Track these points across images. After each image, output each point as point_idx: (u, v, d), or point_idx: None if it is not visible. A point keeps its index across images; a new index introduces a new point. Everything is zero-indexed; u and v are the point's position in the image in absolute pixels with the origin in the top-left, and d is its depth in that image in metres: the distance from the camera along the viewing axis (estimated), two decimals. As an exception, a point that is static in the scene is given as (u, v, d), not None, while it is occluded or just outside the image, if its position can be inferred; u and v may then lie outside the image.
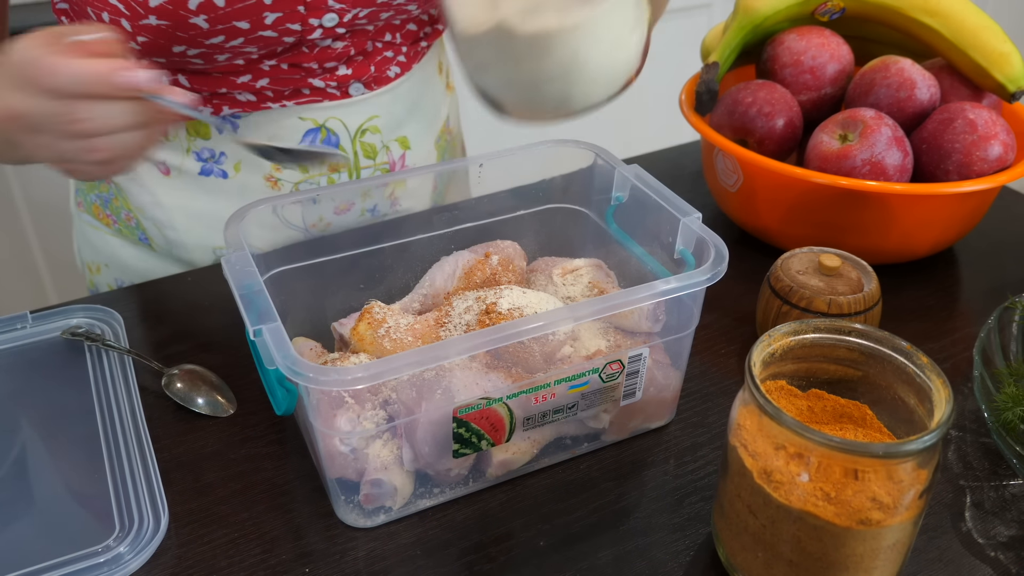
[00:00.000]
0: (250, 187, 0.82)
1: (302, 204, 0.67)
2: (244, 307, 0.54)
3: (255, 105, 0.77)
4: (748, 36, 0.92)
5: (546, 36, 0.51)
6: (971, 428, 0.67)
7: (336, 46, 0.76)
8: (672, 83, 1.07)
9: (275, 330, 0.52)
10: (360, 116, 0.81)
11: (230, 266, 0.57)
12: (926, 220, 0.81)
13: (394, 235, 0.70)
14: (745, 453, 0.50)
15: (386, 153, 0.85)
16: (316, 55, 0.76)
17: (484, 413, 0.57)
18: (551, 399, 0.59)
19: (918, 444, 0.45)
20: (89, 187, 0.88)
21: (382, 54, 0.80)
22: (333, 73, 0.77)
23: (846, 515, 0.47)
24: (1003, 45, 0.84)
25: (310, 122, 0.79)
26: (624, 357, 0.60)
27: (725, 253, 0.59)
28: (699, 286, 0.58)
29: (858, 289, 0.70)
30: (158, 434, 0.65)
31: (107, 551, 0.55)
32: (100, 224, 0.89)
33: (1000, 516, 0.60)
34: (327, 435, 0.55)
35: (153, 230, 0.85)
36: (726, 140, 0.83)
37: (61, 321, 0.74)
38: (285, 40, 0.72)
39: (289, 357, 0.50)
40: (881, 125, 0.79)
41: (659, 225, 0.66)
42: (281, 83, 0.76)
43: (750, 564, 0.53)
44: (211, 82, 0.76)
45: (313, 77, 0.77)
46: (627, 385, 0.62)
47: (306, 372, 0.49)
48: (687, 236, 0.63)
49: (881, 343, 0.53)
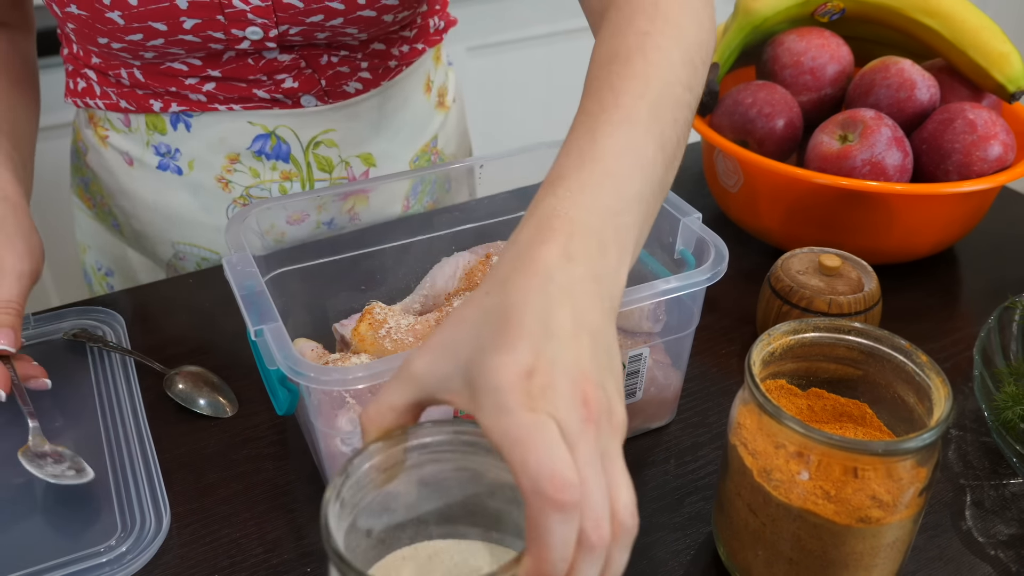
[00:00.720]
0: (203, 186, 0.82)
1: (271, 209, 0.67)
2: (245, 307, 0.54)
3: (204, 106, 0.77)
4: (748, 37, 0.92)
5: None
6: (971, 427, 0.67)
7: (283, 58, 0.76)
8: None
9: (276, 330, 0.52)
10: (313, 128, 0.80)
11: (231, 267, 0.57)
12: (926, 220, 0.81)
13: (395, 236, 0.70)
14: (745, 452, 0.50)
15: (345, 168, 0.84)
16: (262, 67, 0.75)
17: None
18: None
19: (917, 442, 0.46)
20: (75, 169, 0.90)
21: (335, 68, 0.78)
22: (279, 85, 0.77)
23: (846, 513, 0.47)
24: (1003, 45, 0.84)
25: (260, 127, 0.79)
26: (624, 357, 0.60)
27: (725, 253, 0.59)
28: (699, 286, 0.58)
29: (858, 289, 0.70)
30: (159, 435, 0.65)
31: (109, 551, 0.55)
32: (84, 207, 0.91)
33: (1000, 515, 0.60)
34: (328, 435, 0.56)
35: (121, 218, 0.88)
36: (726, 141, 0.83)
37: (63, 323, 0.74)
38: (212, 47, 0.72)
39: (291, 357, 0.50)
40: (881, 125, 0.79)
41: (659, 225, 0.66)
42: (228, 88, 0.76)
43: (750, 563, 0.53)
44: (162, 79, 0.76)
45: (259, 88, 0.77)
46: (627, 385, 0.62)
47: (307, 372, 0.49)
48: (687, 236, 0.63)
49: (880, 342, 0.53)
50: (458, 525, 0.46)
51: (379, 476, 0.42)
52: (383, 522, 0.45)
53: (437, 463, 0.43)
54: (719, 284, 0.58)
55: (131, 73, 0.77)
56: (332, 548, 0.37)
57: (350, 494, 0.41)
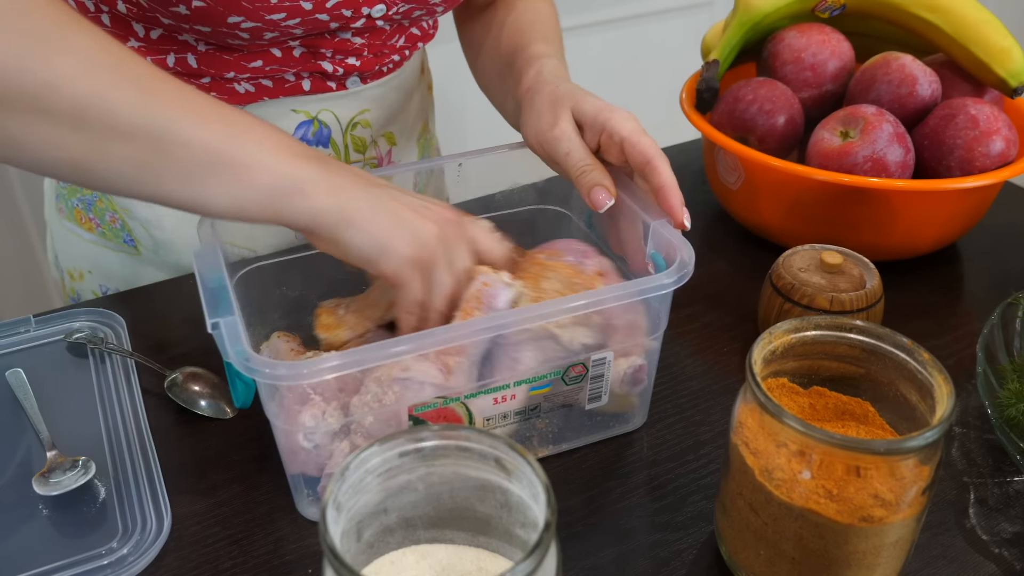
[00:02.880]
0: None
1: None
2: (206, 301, 0.54)
3: (253, 96, 0.76)
4: (748, 34, 0.92)
5: None
6: (975, 425, 0.67)
7: (355, 41, 0.76)
8: (673, 81, 1.07)
9: (231, 324, 0.52)
10: (352, 109, 0.81)
11: (199, 260, 0.58)
12: (928, 216, 0.81)
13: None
14: (747, 451, 0.50)
15: (374, 148, 0.85)
16: (335, 43, 0.75)
17: (441, 412, 0.56)
18: (511, 400, 0.59)
19: (920, 440, 0.45)
20: (71, 191, 0.86)
21: (386, 45, 0.80)
22: (344, 60, 0.77)
23: (848, 512, 0.47)
24: (1004, 40, 0.83)
25: (303, 114, 0.79)
26: (588, 360, 0.60)
27: (691, 257, 0.58)
28: (664, 289, 0.57)
29: (860, 286, 0.70)
30: (160, 436, 0.65)
31: (111, 553, 0.55)
32: (82, 230, 0.87)
33: (1004, 512, 0.60)
34: (286, 431, 0.55)
35: (140, 231, 0.84)
36: (727, 138, 0.83)
37: (64, 325, 0.74)
38: (331, 26, 0.72)
39: (242, 352, 0.50)
40: (882, 122, 0.79)
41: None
42: (292, 63, 0.75)
43: (752, 562, 0.52)
44: (220, 64, 0.74)
45: (323, 60, 0.76)
46: (592, 388, 0.62)
47: (258, 367, 0.50)
48: (658, 240, 0.62)
49: (882, 340, 0.52)
50: (446, 530, 0.46)
51: (374, 479, 0.42)
52: (374, 526, 0.45)
53: (429, 468, 0.44)
54: (721, 282, 0.58)
55: (183, 59, 0.73)
56: (328, 544, 0.37)
57: (345, 497, 0.41)
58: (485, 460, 0.43)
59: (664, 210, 0.62)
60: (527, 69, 0.73)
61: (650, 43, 2.00)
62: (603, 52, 1.90)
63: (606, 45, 1.93)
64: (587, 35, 1.88)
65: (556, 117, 0.65)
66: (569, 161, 0.65)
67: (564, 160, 0.65)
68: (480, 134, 0.71)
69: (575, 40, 0.82)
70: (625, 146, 0.63)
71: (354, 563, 0.43)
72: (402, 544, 0.46)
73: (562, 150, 0.65)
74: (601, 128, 0.64)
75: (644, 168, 0.62)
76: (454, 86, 1.18)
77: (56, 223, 0.90)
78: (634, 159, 0.62)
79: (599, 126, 0.64)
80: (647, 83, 1.84)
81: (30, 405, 0.66)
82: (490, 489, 0.44)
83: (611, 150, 0.65)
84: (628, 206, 0.65)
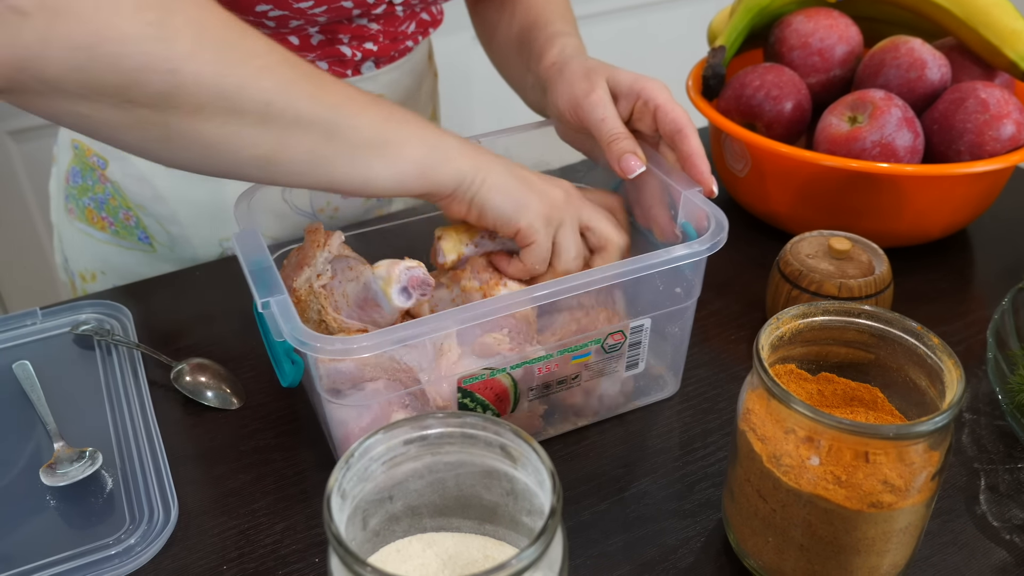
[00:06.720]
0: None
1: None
2: (253, 281, 0.54)
3: None
4: (755, 19, 0.91)
5: None
6: (985, 411, 0.67)
7: (371, 27, 0.77)
8: (679, 68, 1.06)
9: (283, 302, 0.52)
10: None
11: (240, 242, 0.58)
12: (938, 202, 0.80)
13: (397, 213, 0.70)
14: (754, 438, 0.50)
15: None
16: (353, 29, 0.76)
17: (488, 383, 0.57)
18: (554, 369, 0.60)
19: (929, 425, 0.45)
20: (81, 191, 0.86)
21: (401, 30, 0.80)
22: (361, 45, 0.77)
23: (857, 498, 0.46)
24: (1015, 22, 0.82)
25: None
26: (626, 328, 0.60)
27: (725, 223, 0.60)
28: (700, 255, 0.58)
29: (869, 272, 0.69)
30: (167, 427, 0.65)
31: (118, 543, 0.55)
32: (94, 229, 0.87)
33: (1015, 499, 0.60)
34: (335, 405, 0.56)
35: (155, 227, 0.84)
36: (734, 125, 0.82)
37: (71, 317, 0.75)
38: (353, 12, 0.73)
39: (297, 328, 0.50)
40: (891, 106, 0.78)
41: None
42: (310, 50, 0.75)
43: (761, 549, 0.52)
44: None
45: (340, 45, 0.76)
46: (630, 356, 0.62)
47: (312, 342, 0.50)
48: (689, 209, 0.63)
49: (891, 324, 0.52)
50: (452, 518, 0.46)
51: (378, 467, 0.42)
52: (379, 515, 0.44)
53: (434, 456, 0.43)
54: (728, 269, 0.58)
55: None
56: (332, 533, 0.37)
57: (350, 485, 0.41)
58: (490, 447, 0.42)
59: (692, 176, 0.64)
60: (549, 46, 0.74)
61: (656, 29, 1.99)
62: (610, 39, 1.89)
63: (613, 32, 1.92)
64: (594, 23, 1.87)
65: (592, 85, 0.67)
66: (604, 127, 0.66)
67: (598, 126, 0.66)
68: (484, 123, 0.71)
69: (583, 27, 0.82)
70: (658, 113, 0.64)
71: (359, 551, 0.42)
72: (408, 532, 0.46)
73: (597, 115, 0.66)
74: (636, 96, 0.65)
75: (675, 136, 0.64)
76: (457, 75, 1.18)
77: (66, 225, 0.90)
78: (665, 127, 0.64)
79: (635, 94, 0.65)
80: (653, 70, 1.82)
81: (37, 397, 0.66)
82: (496, 476, 0.43)
83: (644, 117, 0.66)
84: (656, 177, 0.66)
